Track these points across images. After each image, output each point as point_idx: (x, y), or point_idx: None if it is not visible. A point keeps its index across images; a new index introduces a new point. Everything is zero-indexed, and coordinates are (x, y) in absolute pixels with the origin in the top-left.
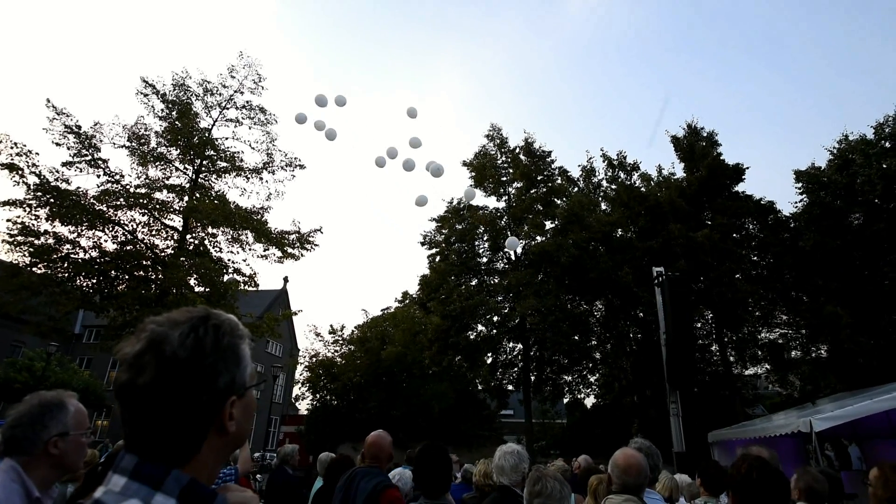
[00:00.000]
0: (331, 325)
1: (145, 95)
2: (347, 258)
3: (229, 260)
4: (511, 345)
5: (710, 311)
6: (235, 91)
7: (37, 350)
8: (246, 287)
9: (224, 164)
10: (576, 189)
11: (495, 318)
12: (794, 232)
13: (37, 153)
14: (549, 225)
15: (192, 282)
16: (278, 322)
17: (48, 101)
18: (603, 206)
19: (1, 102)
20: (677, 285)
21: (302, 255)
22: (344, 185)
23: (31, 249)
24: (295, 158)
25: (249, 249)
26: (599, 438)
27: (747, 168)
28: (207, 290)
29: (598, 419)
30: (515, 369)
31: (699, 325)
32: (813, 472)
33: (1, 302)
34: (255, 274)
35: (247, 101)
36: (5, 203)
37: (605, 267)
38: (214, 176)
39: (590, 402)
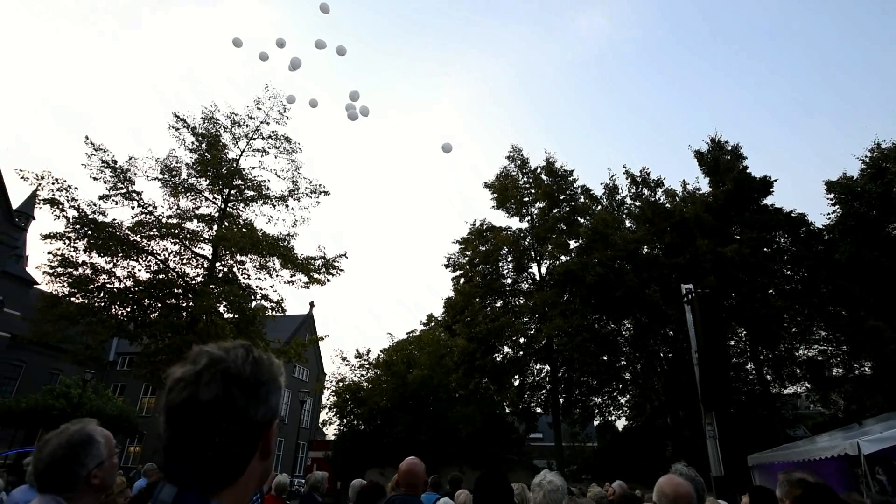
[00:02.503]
0: (357, 350)
1: (177, 129)
2: (372, 282)
3: (257, 286)
4: (538, 366)
5: (744, 328)
6: (262, 122)
7: (73, 377)
8: (273, 313)
9: (251, 193)
10: (599, 207)
11: (521, 340)
12: (828, 244)
13: (76, 188)
14: (573, 244)
15: (221, 308)
16: (305, 347)
17: (87, 138)
18: (627, 224)
19: (43, 140)
20: (708, 302)
21: (328, 280)
22: (367, 208)
23: (70, 280)
24: (320, 185)
25: (276, 276)
26: (632, 462)
27: (775, 180)
28: (236, 316)
29: (630, 442)
30: (543, 391)
31: (732, 342)
32: (861, 498)
33: (42, 331)
34: (282, 300)
35: (272, 132)
36: (47, 236)
37: (631, 285)
38: (242, 204)
39: (621, 424)
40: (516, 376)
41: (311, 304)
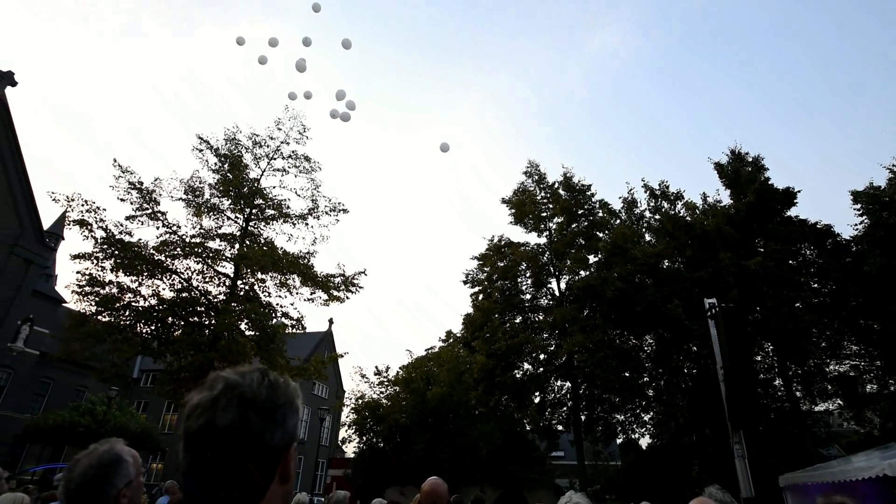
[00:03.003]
0: (376, 367)
1: (200, 151)
2: (391, 298)
3: (277, 304)
4: (559, 383)
5: (770, 343)
6: (282, 142)
7: (98, 394)
8: (293, 330)
9: (272, 212)
10: (618, 221)
11: (541, 356)
12: (856, 256)
13: (104, 209)
14: (592, 259)
15: (242, 326)
16: (325, 365)
17: (115, 160)
18: (647, 238)
19: (74, 163)
20: (732, 317)
21: (347, 297)
22: (385, 224)
23: (97, 299)
24: (339, 203)
25: (296, 293)
26: (657, 481)
27: (798, 191)
28: (257, 334)
29: (655, 461)
30: (564, 409)
31: (759, 358)
32: None
33: (70, 350)
34: (302, 317)
35: (293, 151)
36: (76, 256)
37: (653, 300)
38: (263, 223)
39: (645, 442)
40: (537, 393)
41: (331, 321)
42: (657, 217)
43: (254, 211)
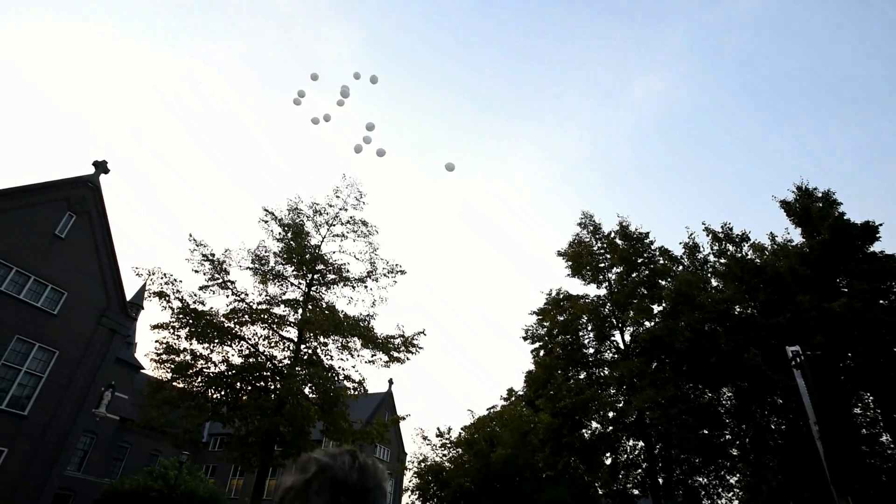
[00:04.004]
0: (437, 428)
1: (266, 222)
2: (450, 357)
3: (339, 367)
4: (631, 443)
5: (869, 393)
6: (340, 209)
7: (171, 459)
8: (355, 393)
9: (333, 276)
10: (680, 268)
11: (610, 414)
12: None
13: (180, 280)
14: (656, 308)
15: (306, 390)
16: (387, 428)
17: (190, 235)
18: (714, 283)
19: (152, 238)
20: (821, 365)
21: (408, 358)
22: (439, 279)
23: (173, 366)
24: (396, 265)
25: (358, 355)
26: None
27: (880, 224)
28: (320, 398)
29: None
30: (639, 471)
31: (858, 411)
32: None
33: (148, 417)
34: (363, 380)
35: (350, 217)
36: (156, 326)
37: (727, 349)
38: (324, 288)
39: None
40: (608, 454)
41: (390, 382)
42: (722, 261)
43: (315, 276)
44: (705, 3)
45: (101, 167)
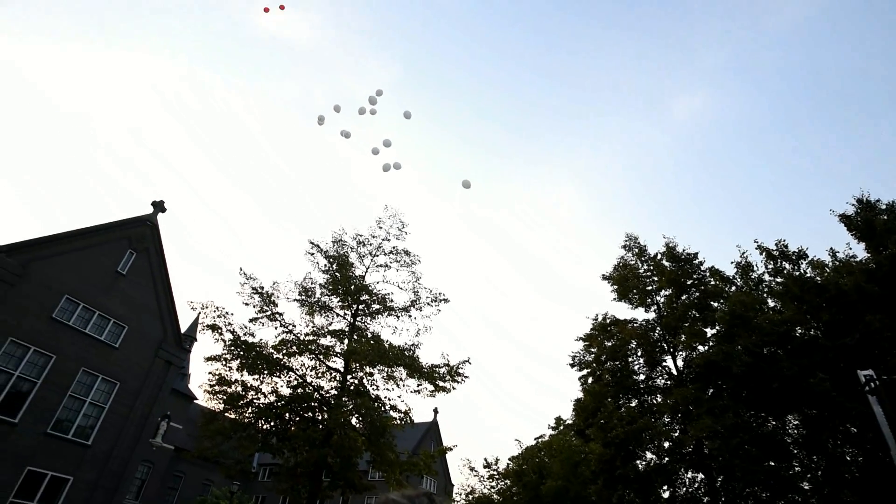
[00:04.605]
0: (485, 459)
1: (312, 254)
2: (495, 385)
3: (385, 397)
4: (689, 475)
5: None
6: (383, 239)
7: (222, 489)
8: (401, 423)
9: (377, 306)
10: (733, 288)
11: (666, 444)
12: None
13: (231, 313)
14: (710, 332)
15: (353, 421)
16: (434, 459)
17: (241, 269)
18: (770, 304)
19: (202, 274)
20: None
21: (453, 387)
22: (483, 307)
23: (224, 397)
24: (439, 294)
25: (403, 385)
26: None
27: None
28: (367, 428)
29: None
30: None
31: None
32: None
33: (202, 448)
34: (409, 410)
35: (393, 247)
36: (209, 358)
37: (790, 374)
38: (369, 318)
39: None
40: (664, 486)
41: (435, 411)
42: (779, 280)
43: (360, 306)
44: (741, 18)
45: (159, 206)
